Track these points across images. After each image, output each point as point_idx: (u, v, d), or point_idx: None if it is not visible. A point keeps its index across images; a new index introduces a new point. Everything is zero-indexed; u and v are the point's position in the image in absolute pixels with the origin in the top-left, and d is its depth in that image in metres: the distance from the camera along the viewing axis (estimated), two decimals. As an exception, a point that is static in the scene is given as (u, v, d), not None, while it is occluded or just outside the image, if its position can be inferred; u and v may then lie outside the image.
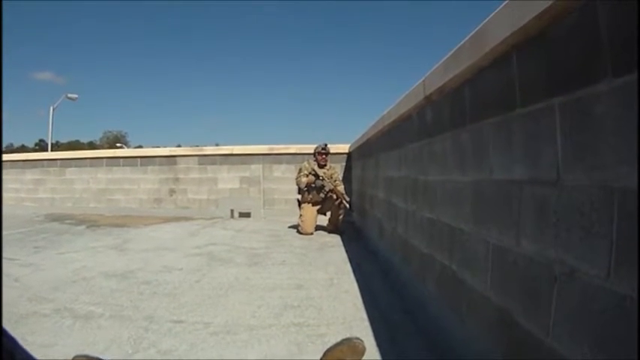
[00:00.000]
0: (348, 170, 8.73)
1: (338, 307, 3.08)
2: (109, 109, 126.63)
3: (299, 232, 6.46)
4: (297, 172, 6.74)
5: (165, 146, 10.37)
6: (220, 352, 2.41)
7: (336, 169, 7.02)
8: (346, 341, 1.81)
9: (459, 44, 2.05)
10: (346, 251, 5.16)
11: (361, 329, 2.64)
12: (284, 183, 9.10)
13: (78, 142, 71.65)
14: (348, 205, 6.40)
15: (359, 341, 1.82)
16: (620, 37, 1.01)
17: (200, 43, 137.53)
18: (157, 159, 10.25)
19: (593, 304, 1.10)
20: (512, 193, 1.57)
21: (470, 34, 1.89)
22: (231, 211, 9.17)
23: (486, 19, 1.69)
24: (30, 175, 11.50)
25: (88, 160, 10.96)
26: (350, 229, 6.72)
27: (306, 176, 6.42)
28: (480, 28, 1.77)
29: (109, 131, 75.06)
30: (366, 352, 1.82)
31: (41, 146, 56.80)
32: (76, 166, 11.01)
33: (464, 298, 2.08)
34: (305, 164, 6.57)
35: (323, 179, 6.39)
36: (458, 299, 2.18)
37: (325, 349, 1.86)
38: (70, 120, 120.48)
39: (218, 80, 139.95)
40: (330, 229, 6.56)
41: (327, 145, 6.58)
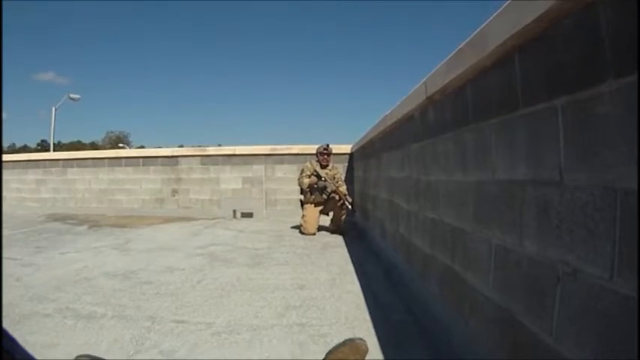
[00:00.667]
0: (350, 171, 8.74)
1: (340, 308, 3.09)
2: (111, 109, 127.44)
3: (301, 232, 6.47)
4: (299, 172, 6.74)
5: (168, 146, 10.44)
6: (223, 352, 2.41)
7: (339, 169, 7.04)
8: (349, 342, 1.82)
9: (460, 45, 2.05)
10: (349, 251, 5.16)
11: (364, 329, 2.65)
12: (286, 183, 9.11)
13: (80, 142, 71.77)
14: (350, 206, 6.41)
15: (362, 342, 1.82)
16: (622, 39, 1.02)
17: (202, 42, 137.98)
18: (159, 159, 10.23)
19: (596, 304, 1.10)
20: (515, 193, 1.57)
21: (472, 34, 1.90)
22: (234, 212, 9.22)
23: (488, 20, 1.70)
24: (32, 176, 11.50)
25: (90, 161, 10.95)
26: (352, 229, 6.73)
27: (309, 177, 6.42)
28: (482, 29, 1.77)
29: (111, 131, 75.42)
30: (369, 352, 1.83)
31: (43, 146, 57.04)
32: (78, 167, 11.01)
33: (467, 298, 2.08)
34: (307, 165, 6.57)
35: (325, 180, 6.40)
36: (461, 300, 2.18)
37: (327, 349, 1.87)
38: (73, 120, 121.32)
39: (221, 80, 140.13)
40: (333, 229, 6.57)
41: (328, 146, 6.59)
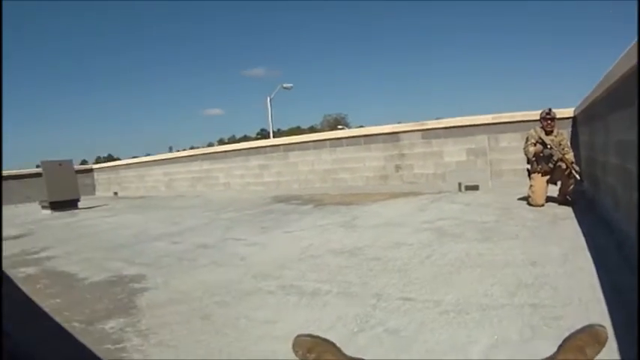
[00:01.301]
0: (574, 136, 8.18)
1: (574, 287, 2.91)
2: (325, 94, 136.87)
3: (529, 203, 6.41)
4: (524, 140, 6.71)
5: (386, 124, 10.74)
6: (451, 333, 2.38)
7: (564, 134, 6.82)
8: (588, 328, 1.57)
9: None
10: (578, 223, 4.88)
11: (598, 312, 2.45)
12: (511, 153, 8.83)
13: (299, 128, 78.91)
14: (577, 175, 6.17)
15: (602, 329, 1.61)
16: None
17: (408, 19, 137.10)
18: (380, 137, 10.60)
19: None
20: None
21: None
22: (459, 185, 9.20)
23: None
24: (254, 162, 12.86)
25: (311, 143, 11.82)
26: (581, 199, 6.43)
27: (534, 145, 6.36)
28: None
29: (328, 115, 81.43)
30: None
31: (263, 135, 64.64)
32: (300, 150, 11.96)
33: None
34: (532, 132, 6.49)
35: (551, 147, 6.26)
36: None
37: (560, 333, 1.85)
38: (289, 109, 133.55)
39: (435, 51, 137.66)
40: (561, 199, 6.43)
41: (551, 110, 6.44)
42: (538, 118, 6.65)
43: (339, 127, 58.13)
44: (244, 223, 7.12)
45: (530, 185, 6.38)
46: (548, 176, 6.33)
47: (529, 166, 6.54)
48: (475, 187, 8.91)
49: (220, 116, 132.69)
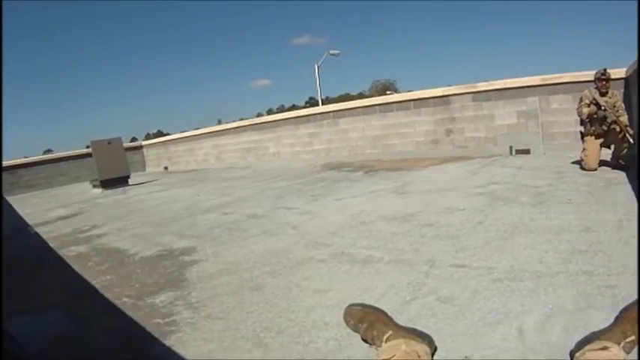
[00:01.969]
0: (626, 98, 7.87)
1: (629, 255, 2.81)
2: (373, 60, 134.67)
3: (582, 167, 6.33)
4: (576, 102, 6.62)
5: (436, 88, 10.50)
6: (504, 301, 2.35)
7: (618, 96, 6.63)
8: None
9: None
10: (632, 189, 4.76)
11: None
12: (563, 115, 8.72)
13: (348, 94, 77.97)
14: (631, 139, 6.06)
15: None
16: None
17: None
18: (431, 100, 10.54)
19: None
20: None
21: None
22: (510, 148, 9.10)
23: None
24: (304, 130, 13.00)
25: (360, 109, 11.82)
26: (634, 163, 6.16)
27: (587, 106, 6.26)
28: None
29: (377, 80, 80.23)
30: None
31: (311, 103, 64.59)
32: (349, 116, 11.98)
33: None
34: (586, 92, 6.37)
35: (605, 109, 6.16)
36: None
37: (615, 303, 1.91)
38: (337, 76, 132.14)
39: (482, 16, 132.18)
40: (614, 163, 6.29)
41: (606, 70, 6.26)
42: (588, 79, 6.64)
43: (387, 92, 57.39)
44: (295, 192, 7.18)
45: (584, 149, 6.32)
46: (601, 139, 6.25)
47: (582, 128, 6.48)
48: (526, 151, 8.85)
49: (268, 87, 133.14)
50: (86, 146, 16.69)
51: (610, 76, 6.26)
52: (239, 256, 3.82)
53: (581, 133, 6.47)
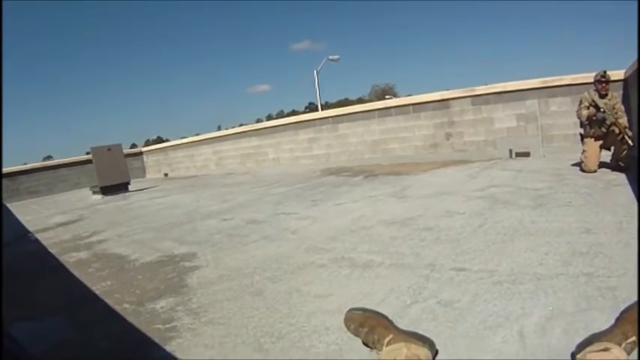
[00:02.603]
0: (625, 100, 7.84)
1: (629, 256, 2.81)
2: (372, 64, 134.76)
3: (582, 169, 6.36)
4: (574, 104, 6.73)
5: (434, 92, 10.54)
6: (504, 304, 2.36)
7: (617, 98, 6.68)
8: None
9: None
10: (632, 190, 4.78)
11: None
12: (562, 117, 8.74)
13: (347, 99, 78.09)
14: (630, 141, 6.04)
15: None
16: None
17: None
18: (430, 104, 10.56)
19: None
20: None
21: None
22: (510, 151, 9.14)
23: None
24: (303, 135, 13.04)
25: (359, 114, 11.88)
26: (634, 165, 6.18)
27: (587, 108, 6.29)
28: None
29: (376, 85, 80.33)
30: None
31: (311, 109, 64.62)
32: (348, 121, 12.01)
33: None
34: (585, 94, 6.40)
35: (604, 111, 6.18)
36: None
37: (616, 304, 1.93)
38: (336, 81, 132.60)
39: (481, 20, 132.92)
40: (613, 165, 6.33)
41: (606, 73, 6.29)
42: (587, 81, 6.66)
43: (387, 97, 57.51)
44: (295, 197, 7.18)
45: (583, 150, 6.34)
46: (601, 141, 6.28)
47: (582, 130, 6.50)
48: (526, 154, 8.90)
49: (268, 92, 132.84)
50: (86, 153, 16.72)
51: (610, 78, 6.28)
52: (239, 262, 3.82)
53: (581, 135, 6.49)
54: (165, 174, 18.38)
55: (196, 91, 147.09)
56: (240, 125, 21.27)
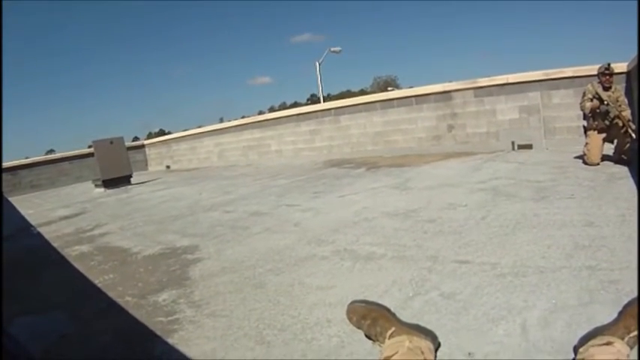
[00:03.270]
0: (628, 92, 7.74)
1: (632, 249, 2.78)
2: (374, 56, 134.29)
3: (584, 162, 6.31)
4: (577, 97, 6.66)
5: (437, 84, 10.50)
6: (507, 296, 2.35)
7: (621, 91, 6.66)
8: None
9: None
10: (635, 183, 4.74)
11: None
12: (565, 110, 8.67)
13: (349, 91, 77.82)
14: (633, 134, 6.02)
15: None
16: None
17: None
18: (432, 96, 10.47)
19: None
20: None
21: None
22: (512, 143, 9.09)
23: None
24: (305, 127, 12.97)
25: (361, 106, 11.81)
26: (635, 158, 6.12)
27: (590, 100, 6.24)
28: None
29: (378, 77, 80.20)
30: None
31: (313, 100, 64.39)
32: (350, 113, 11.94)
33: None
34: (589, 87, 6.36)
35: (607, 104, 6.13)
36: None
37: (618, 298, 1.94)
38: (338, 73, 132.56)
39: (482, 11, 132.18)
40: (616, 158, 6.28)
41: (610, 65, 6.27)
42: (589, 73, 6.68)
43: (389, 89, 57.37)
44: (297, 189, 7.18)
45: (586, 143, 6.29)
46: (604, 134, 6.24)
47: (585, 123, 6.47)
48: (529, 146, 8.84)
49: (270, 84, 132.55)
50: (88, 146, 16.68)
51: (614, 71, 6.24)
52: (241, 254, 3.83)
53: (584, 127, 6.45)
54: (168, 166, 18.36)
55: (198, 84, 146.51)
56: (242, 117, 21.23)
